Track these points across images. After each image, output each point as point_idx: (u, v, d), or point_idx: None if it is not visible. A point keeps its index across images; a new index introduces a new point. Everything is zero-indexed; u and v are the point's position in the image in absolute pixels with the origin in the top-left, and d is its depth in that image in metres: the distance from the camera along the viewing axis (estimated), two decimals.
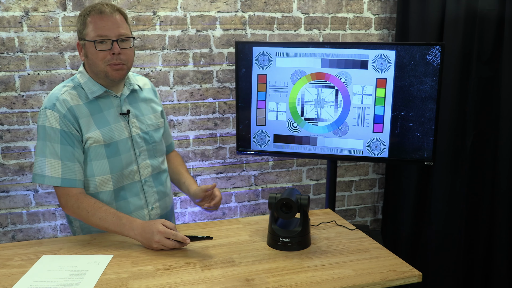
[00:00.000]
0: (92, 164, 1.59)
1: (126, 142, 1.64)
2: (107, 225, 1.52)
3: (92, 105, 1.60)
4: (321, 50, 2.16)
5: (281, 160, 2.70)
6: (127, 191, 1.66)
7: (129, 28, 1.61)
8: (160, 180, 1.75)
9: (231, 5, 2.43)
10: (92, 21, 1.52)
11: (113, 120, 1.62)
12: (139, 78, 1.80)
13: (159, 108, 1.80)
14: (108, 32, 1.52)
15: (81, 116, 1.56)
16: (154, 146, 1.72)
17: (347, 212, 2.90)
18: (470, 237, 2.54)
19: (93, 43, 1.52)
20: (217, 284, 1.27)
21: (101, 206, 1.54)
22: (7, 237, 2.35)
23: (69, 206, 1.56)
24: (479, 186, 2.50)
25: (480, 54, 2.39)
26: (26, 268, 1.36)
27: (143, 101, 1.74)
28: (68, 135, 1.54)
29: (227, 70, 2.50)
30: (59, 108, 1.54)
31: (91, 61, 1.56)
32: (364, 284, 1.28)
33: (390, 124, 2.15)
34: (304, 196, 1.50)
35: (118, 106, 1.65)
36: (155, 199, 1.72)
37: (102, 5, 1.53)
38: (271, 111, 2.25)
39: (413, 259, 2.69)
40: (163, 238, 1.44)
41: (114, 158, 1.61)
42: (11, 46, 2.19)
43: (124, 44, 1.56)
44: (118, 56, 1.54)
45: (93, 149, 1.58)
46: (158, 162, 1.74)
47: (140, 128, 1.68)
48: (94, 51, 1.53)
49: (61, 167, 1.54)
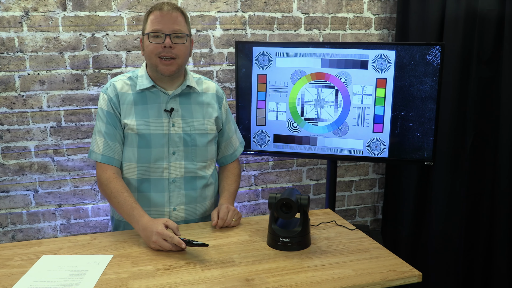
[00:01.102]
0: (125, 149, 1.70)
1: (162, 138, 1.68)
2: (121, 211, 1.61)
3: (139, 96, 1.69)
4: (321, 50, 2.16)
5: (281, 160, 2.70)
6: (151, 185, 1.69)
7: (187, 27, 1.68)
8: (193, 185, 1.74)
9: (231, 5, 2.43)
10: (152, 17, 1.63)
11: (154, 114, 1.68)
12: (205, 82, 1.82)
13: (214, 114, 1.78)
14: (163, 26, 1.61)
15: (124, 103, 1.68)
16: (193, 150, 1.72)
17: (347, 212, 2.90)
18: (470, 237, 2.54)
19: (148, 35, 1.63)
20: (217, 284, 1.27)
21: (124, 192, 1.62)
22: (7, 237, 2.35)
23: (101, 181, 1.67)
24: (479, 186, 2.50)
25: (480, 54, 2.39)
26: (26, 268, 1.36)
27: (199, 104, 1.75)
28: (113, 116, 1.68)
29: (227, 70, 2.50)
30: (109, 92, 1.69)
31: (146, 53, 1.66)
32: (364, 284, 1.28)
33: (390, 124, 2.15)
34: (304, 196, 1.50)
35: (165, 103, 1.69)
36: (180, 201, 1.72)
37: (163, 4, 1.64)
38: (271, 111, 2.25)
39: (413, 259, 2.69)
40: (160, 239, 1.45)
41: (144, 149, 1.67)
42: (11, 46, 2.19)
43: (177, 40, 1.63)
44: (169, 50, 1.62)
45: (129, 135, 1.68)
46: (195, 166, 1.73)
47: (183, 128, 1.70)
48: (148, 43, 1.63)
49: (103, 144, 1.67)
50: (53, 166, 2.34)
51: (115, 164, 1.68)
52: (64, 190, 2.38)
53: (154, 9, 1.64)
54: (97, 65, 2.31)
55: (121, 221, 1.76)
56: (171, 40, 1.61)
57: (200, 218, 1.79)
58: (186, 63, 1.72)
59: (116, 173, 1.68)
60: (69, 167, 2.36)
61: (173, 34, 1.62)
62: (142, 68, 1.74)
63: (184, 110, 1.72)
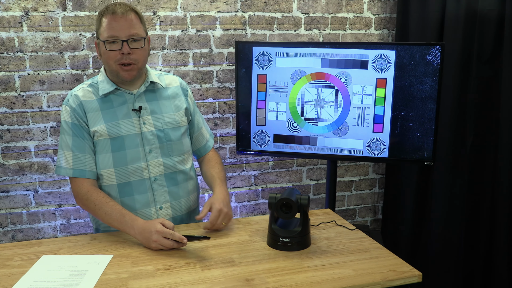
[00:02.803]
0: (98, 157, 1.66)
1: (135, 138, 1.66)
2: (111, 221, 1.57)
3: (103, 101, 1.66)
4: (321, 50, 2.16)
5: (281, 160, 2.70)
6: (133, 188, 1.67)
7: (143, 28, 1.64)
8: (175, 181, 1.73)
9: (231, 5, 2.43)
10: (105, 21, 1.58)
11: (123, 115, 1.66)
12: (167, 77, 1.81)
13: (183, 106, 1.77)
14: (119, 32, 1.57)
15: (90, 111, 1.64)
16: (169, 145, 1.71)
17: (347, 212, 2.90)
18: (470, 237, 2.54)
19: (105, 43, 1.58)
20: (217, 284, 1.27)
21: (108, 201, 1.59)
22: (7, 237, 2.35)
23: (79, 197, 1.64)
24: (479, 186, 2.50)
25: (480, 54, 2.39)
26: (26, 268, 1.36)
27: (166, 98, 1.74)
28: (79, 128, 1.64)
29: (227, 70, 2.50)
30: (71, 103, 1.65)
31: (104, 60, 1.63)
32: (364, 284, 1.28)
33: (390, 124, 2.15)
34: (304, 196, 1.50)
35: (131, 102, 1.68)
36: (165, 199, 1.71)
37: (116, 6, 1.58)
38: (271, 111, 2.25)
39: (413, 259, 2.69)
40: (161, 238, 1.44)
41: (118, 153, 1.64)
42: (11, 46, 2.19)
43: (135, 44, 1.60)
44: (128, 56, 1.59)
45: (100, 142, 1.65)
46: (173, 161, 1.72)
47: (154, 125, 1.69)
48: (106, 50, 1.59)
49: (72, 158, 1.63)
50: (53, 166, 2.34)
51: (89, 176, 1.64)
52: (64, 190, 2.38)
53: (106, 12, 1.58)
54: (97, 65, 2.31)
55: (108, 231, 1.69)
56: (128, 45, 1.57)
57: (187, 214, 1.79)
58: (145, 64, 1.69)
59: (93, 185, 1.64)
60: None
61: (130, 39, 1.57)
62: (101, 73, 1.70)
63: (152, 106, 1.70)
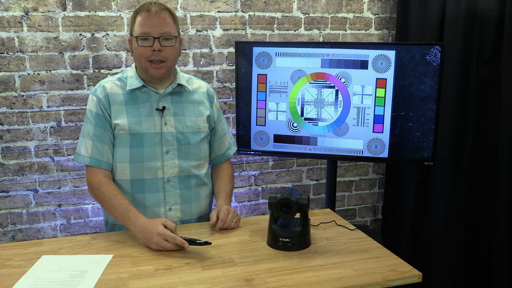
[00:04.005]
0: (116, 150, 1.68)
1: (154, 137, 1.68)
2: (116, 214, 1.59)
3: (130, 96, 1.69)
4: (321, 50, 2.16)
5: (281, 160, 2.70)
6: (145, 185, 1.68)
7: (176, 28, 1.66)
8: (187, 184, 1.73)
9: (231, 5, 2.43)
10: (140, 19, 1.61)
11: (146, 113, 1.68)
12: (195, 81, 1.83)
13: (206, 113, 1.78)
14: (151, 29, 1.60)
15: (114, 104, 1.67)
16: (186, 148, 1.72)
17: (347, 212, 2.90)
18: (470, 237, 2.54)
19: (137, 39, 1.61)
20: (217, 284, 1.27)
21: (117, 195, 1.61)
22: (7, 237, 2.35)
23: (91, 186, 1.66)
24: (479, 186, 2.50)
25: (480, 54, 2.39)
26: (26, 268, 1.36)
27: (190, 102, 1.76)
28: (102, 118, 1.67)
29: (227, 70, 2.50)
30: (98, 93, 1.69)
31: (135, 56, 1.66)
32: (364, 284, 1.28)
33: (390, 124, 2.15)
34: (304, 196, 1.50)
35: (156, 102, 1.69)
36: (175, 201, 1.71)
37: (151, 4, 1.62)
38: (271, 111, 2.25)
39: (413, 259, 2.69)
40: (161, 240, 1.44)
41: (136, 149, 1.67)
42: (11, 46, 2.19)
43: (166, 42, 1.62)
44: (158, 53, 1.61)
45: (120, 136, 1.67)
46: (188, 165, 1.72)
47: (175, 127, 1.70)
48: (137, 46, 1.63)
49: (91, 147, 1.66)
50: (53, 166, 2.34)
51: (105, 167, 1.67)
52: (64, 190, 2.38)
53: (141, 10, 1.62)
54: (97, 65, 2.31)
55: (115, 224, 1.73)
56: (160, 43, 1.60)
57: (197, 219, 1.78)
58: (175, 64, 1.71)
59: (107, 176, 1.67)
60: (69, 167, 2.36)
61: (161, 36, 1.60)
62: (131, 69, 1.74)
63: (176, 108, 1.72)
